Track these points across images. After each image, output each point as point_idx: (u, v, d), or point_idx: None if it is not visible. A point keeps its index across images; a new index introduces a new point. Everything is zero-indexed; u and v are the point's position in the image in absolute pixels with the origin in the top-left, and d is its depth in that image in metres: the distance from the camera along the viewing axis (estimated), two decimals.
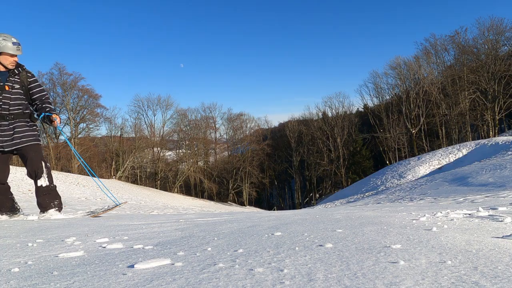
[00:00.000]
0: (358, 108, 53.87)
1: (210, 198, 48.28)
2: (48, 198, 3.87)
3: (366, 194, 18.19)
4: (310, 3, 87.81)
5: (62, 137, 42.81)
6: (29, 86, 3.89)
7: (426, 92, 39.95)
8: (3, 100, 3.73)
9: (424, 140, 40.53)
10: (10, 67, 3.77)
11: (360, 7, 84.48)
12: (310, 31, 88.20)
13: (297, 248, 1.68)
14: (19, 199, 9.69)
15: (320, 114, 53.40)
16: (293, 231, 2.26)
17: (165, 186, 49.12)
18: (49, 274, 1.38)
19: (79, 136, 44.35)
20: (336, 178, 47.80)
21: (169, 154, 53.69)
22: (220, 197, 50.45)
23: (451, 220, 2.81)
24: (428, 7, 76.45)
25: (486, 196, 6.26)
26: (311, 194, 49.49)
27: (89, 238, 2.26)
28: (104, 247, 1.91)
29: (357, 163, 44.17)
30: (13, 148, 3.76)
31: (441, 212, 3.41)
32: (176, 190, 47.72)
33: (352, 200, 17.03)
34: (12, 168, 22.63)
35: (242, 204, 48.01)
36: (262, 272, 1.28)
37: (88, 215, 4.28)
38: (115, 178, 42.52)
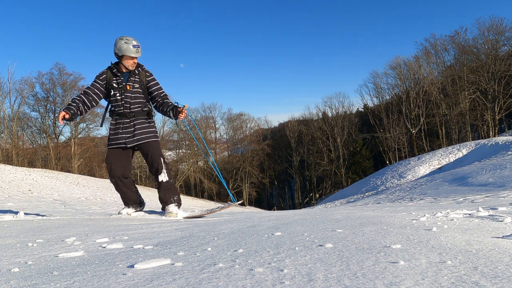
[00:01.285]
0: (358, 108, 53.97)
1: (210, 198, 48.28)
2: (168, 194, 4.02)
3: (366, 194, 18.19)
4: (310, 2, 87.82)
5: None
6: (148, 85, 4.05)
7: (426, 92, 39.96)
8: (124, 99, 3.94)
9: (424, 140, 40.54)
10: (130, 68, 3.95)
11: (360, 7, 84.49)
12: (310, 31, 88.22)
13: (297, 248, 1.68)
14: (19, 199, 9.71)
15: (320, 114, 53.47)
16: (293, 231, 2.26)
17: None
18: (49, 274, 1.38)
19: (79, 136, 44.34)
20: (336, 178, 47.80)
21: (169, 154, 53.70)
22: (220, 197, 50.45)
23: (451, 220, 2.81)
24: (428, 7, 76.43)
25: (486, 196, 6.26)
26: (311, 194, 49.49)
27: (89, 238, 2.26)
28: (104, 247, 1.91)
29: (357, 163, 44.18)
30: (134, 144, 3.97)
31: (441, 212, 3.41)
32: None
33: (352, 200, 17.03)
34: (12, 168, 22.51)
35: (242, 204, 48.00)
36: (262, 272, 1.28)
37: (206, 213, 4.37)
38: None
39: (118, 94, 3.94)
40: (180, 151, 52.85)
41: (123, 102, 3.94)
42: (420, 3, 76.52)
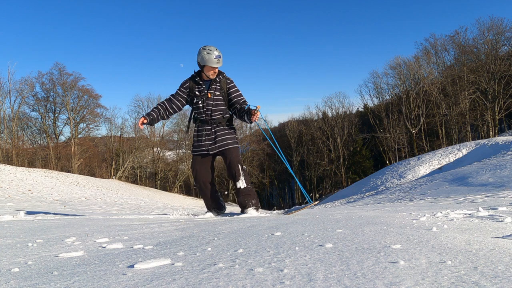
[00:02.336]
0: (358, 108, 53.96)
1: None
2: (247, 198, 4.15)
3: (366, 194, 18.19)
4: (310, 2, 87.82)
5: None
6: (228, 92, 4.16)
7: (426, 92, 39.95)
8: (206, 107, 4.08)
9: (424, 140, 40.53)
10: (211, 77, 4.09)
11: (360, 7, 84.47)
12: (310, 30, 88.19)
13: (297, 248, 1.68)
14: (19, 199, 9.71)
15: (320, 114, 53.47)
16: (293, 231, 2.26)
17: (165, 186, 49.17)
18: (49, 274, 1.38)
19: (79, 136, 44.39)
20: (336, 178, 47.80)
21: (169, 154, 53.70)
22: None
23: (451, 220, 2.81)
24: (428, 7, 76.39)
25: (486, 196, 6.26)
26: (311, 194, 49.47)
27: (89, 238, 2.26)
28: (104, 247, 1.92)
29: (357, 163, 44.17)
30: (216, 151, 4.11)
31: (441, 212, 3.41)
32: (176, 190, 47.73)
33: (352, 200, 17.02)
34: (12, 168, 22.56)
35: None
36: (262, 272, 1.28)
37: (283, 213, 4.45)
38: (115, 178, 42.51)
39: (200, 102, 4.09)
40: (180, 151, 52.85)
41: (204, 109, 4.08)
42: (420, 3, 76.55)
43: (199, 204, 30.56)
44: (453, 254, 1.49)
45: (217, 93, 4.09)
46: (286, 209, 5.05)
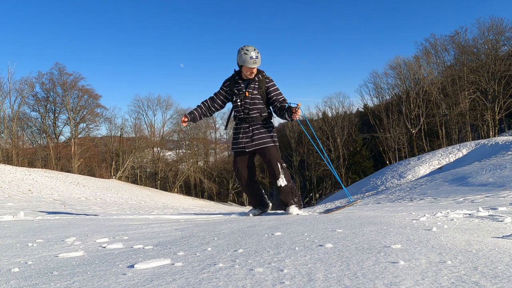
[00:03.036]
0: (358, 108, 53.95)
1: (210, 198, 48.30)
2: (288, 196, 4.18)
3: (366, 194, 18.19)
4: (309, 2, 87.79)
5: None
6: (267, 91, 4.21)
7: (426, 92, 39.95)
8: (244, 105, 4.16)
9: (424, 140, 40.53)
10: (249, 77, 4.15)
11: (360, 7, 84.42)
12: (309, 30, 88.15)
13: (297, 248, 1.68)
14: (19, 199, 9.71)
15: (320, 114, 53.49)
16: (293, 231, 2.26)
17: (165, 186, 49.16)
18: (49, 274, 1.38)
19: (79, 136, 44.39)
20: (336, 178, 47.80)
21: (169, 154, 53.74)
22: (220, 197, 50.46)
23: (451, 220, 2.81)
24: (428, 7, 76.33)
25: (486, 196, 6.26)
26: (311, 194, 49.49)
27: (89, 238, 2.26)
28: (104, 247, 1.92)
29: (357, 163, 44.17)
30: (252, 149, 4.16)
31: (441, 212, 3.41)
32: (176, 190, 47.73)
33: (352, 200, 17.01)
34: (12, 168, 22.54)
35: (242, 204, 48.00)
36: (262, 272, 1.28)
37: (324, 212, 4.49)
38: (115, 178, 42.52)
39: (238, 100, 4.18)
40: (180, 151, 52.87)
41: (242, 108, 4.16)
42: (420, 3, 76.45)
43: (199, 204, 30.55)
44: (453, 254, 1.49)
45: (255, 92, 4.15)
46: (327, 209, 5.05)
